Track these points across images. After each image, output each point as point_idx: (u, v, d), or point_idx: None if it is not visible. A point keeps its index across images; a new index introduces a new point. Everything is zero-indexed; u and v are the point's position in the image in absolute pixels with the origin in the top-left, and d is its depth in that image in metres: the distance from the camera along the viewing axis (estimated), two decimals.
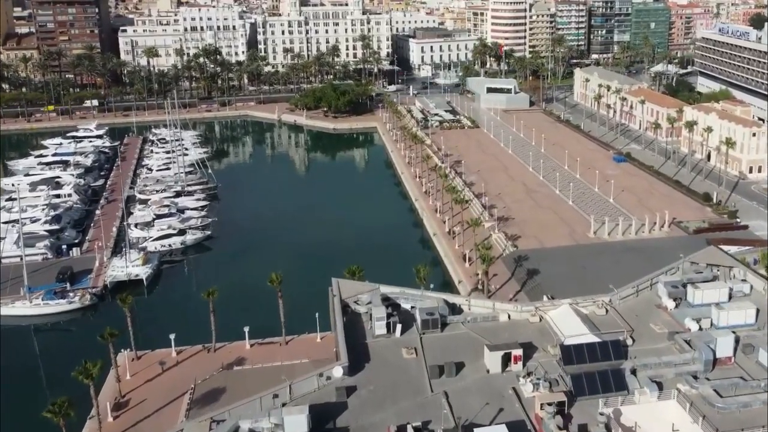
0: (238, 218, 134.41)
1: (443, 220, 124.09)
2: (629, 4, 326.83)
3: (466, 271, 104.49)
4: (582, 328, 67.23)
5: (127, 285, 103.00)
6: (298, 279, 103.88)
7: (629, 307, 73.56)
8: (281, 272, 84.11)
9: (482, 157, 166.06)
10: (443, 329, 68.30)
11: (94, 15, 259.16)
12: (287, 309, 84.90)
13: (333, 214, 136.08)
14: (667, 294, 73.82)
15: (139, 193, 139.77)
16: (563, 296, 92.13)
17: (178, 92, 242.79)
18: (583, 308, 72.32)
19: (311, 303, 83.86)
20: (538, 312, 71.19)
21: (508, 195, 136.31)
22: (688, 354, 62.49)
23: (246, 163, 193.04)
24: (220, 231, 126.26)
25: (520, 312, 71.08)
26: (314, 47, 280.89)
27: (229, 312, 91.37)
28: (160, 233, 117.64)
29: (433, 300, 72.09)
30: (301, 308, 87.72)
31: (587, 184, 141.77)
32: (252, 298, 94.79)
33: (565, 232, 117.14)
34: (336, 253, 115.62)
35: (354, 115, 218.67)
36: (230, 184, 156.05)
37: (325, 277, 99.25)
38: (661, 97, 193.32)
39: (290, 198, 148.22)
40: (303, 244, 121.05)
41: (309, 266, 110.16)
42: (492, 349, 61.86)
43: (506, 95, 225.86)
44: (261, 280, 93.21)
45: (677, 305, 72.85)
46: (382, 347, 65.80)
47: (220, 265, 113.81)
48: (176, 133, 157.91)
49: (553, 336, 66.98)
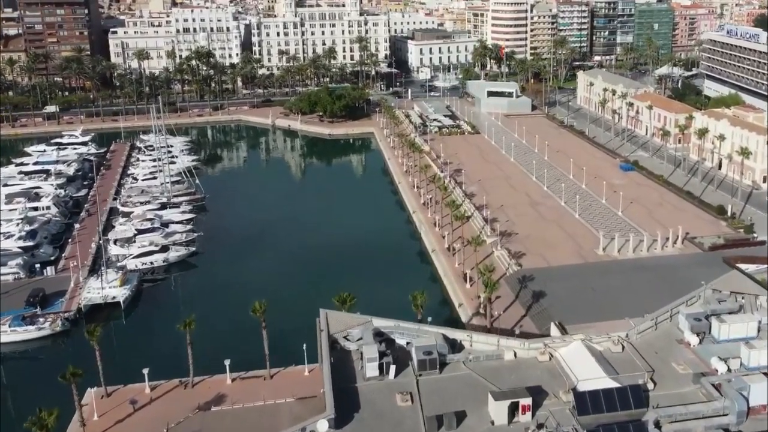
0: (225, 232, 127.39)
1: (442, 234, 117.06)
2: (632, 5, 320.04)
3: (466, 293, 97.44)
4: (597, 369, 60.37)
5: (104, 308, 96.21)
6: (287, 303, 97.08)
7: (648, 342, 66.68)
8: (266, 301, 76.82)
9: (483, 165, 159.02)
10: (442, 370, 61.62)
11: (83, 16, 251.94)
12: (273, 338, 77.84)
13: (327, 227, 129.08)
14: (689, 327, 66.97)
15: (121, 205, 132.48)
16: (572, 322, 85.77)
17: (170, 96, 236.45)
18: (597, 344, 65.39)
19: (299, 331, 76.86)
20: (548, 349, 64.33)
21: (511, 207, 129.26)
22: (718, 403, 55.61)
23: (237, 170, 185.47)
24: (207, 246, 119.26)
25: (527, 349, 64.22)
26: (310, 49, 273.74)
27: (211, 341, 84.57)
28: (141, 250, 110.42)
29: (430, 335, 65.23)
30: (288, 337, 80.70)
31: (594, 195, 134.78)
32: (236, 325, 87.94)
33: (572, 249, 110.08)
34: (328, 272, 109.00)
35: (350, 119, 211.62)
36: (219, 193, 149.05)
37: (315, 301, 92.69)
38: (669, 101, 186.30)
39: (282, 209, 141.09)
40: (293, 262, 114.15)
41: (299, 287, 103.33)
42: (497, 398, 55.01)
43: (507, 99, 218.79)
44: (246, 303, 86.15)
45: (701, 340, 66.08)
46: (373, 392, 58.97)
47: (204, 285, 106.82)
48: (163, 140, 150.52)
49: (564, 379, 60.15)
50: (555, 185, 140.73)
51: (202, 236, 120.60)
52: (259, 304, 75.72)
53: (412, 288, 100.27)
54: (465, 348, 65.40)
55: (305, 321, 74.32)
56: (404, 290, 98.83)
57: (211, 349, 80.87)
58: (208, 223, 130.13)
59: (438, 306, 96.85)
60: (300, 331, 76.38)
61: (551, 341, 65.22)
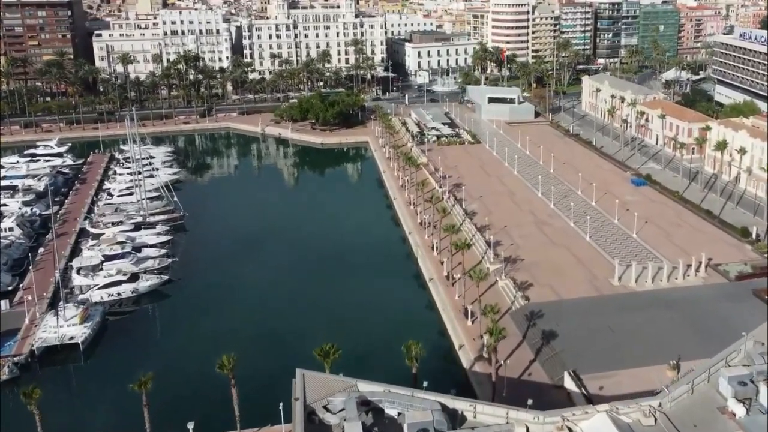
0: (204, 256, 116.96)
1: (441, 260, 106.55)
2: (637, 7, 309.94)
3: (467, 331, 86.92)
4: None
5: (60, 351, 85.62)
6: (265, 345, 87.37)
7: (685, 412, 56.04)
8: (234, 356, 66.50)
9: (485, 179, 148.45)
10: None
11: (66, 18, 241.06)
12: (246, 393, 67.77)
13: (315, 250, 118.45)
14: (732, 393, 56.35)
15: (91, 226, 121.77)
16: (589, 370, 75.36)
17: (156, 102, 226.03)
18: (624, 416, 54.83)
19: (277, 384, 66.39)
20: (567, 423, 53.77)
21: (516, 228, 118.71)
22: None
23: (222, 183, 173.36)
24: (183, 272, 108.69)
25: (542, 424, 53.67)
26: (303, 52, 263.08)
27: (175, 395, 74.41)
28: (108, 280, 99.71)
29: (426, 405, 54.60)
30: (263, 392, 70.68)
31: (605, 214, 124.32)
32: (205, 377, 76.96)
33: (585, 278, 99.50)
34: (314, 305, 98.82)
35: (344, 127, 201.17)
36: (201, 210, 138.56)
37: (296, 346, 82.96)
38: (681, 109, 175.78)
39: (267, 228, 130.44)
40: (276, 292, 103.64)
41: (281, 324, 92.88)
42: None
43: (509, 106, 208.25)
44: (220, 345, 76.57)
45: (748, 410, 55.41)
46: None
47: (175, 321, 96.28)
48: (141, 151, 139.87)
49: None
50: (562, 202, 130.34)
51: (177, 262, 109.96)
52: (228, 359, 65.44)
53: (407, 324, 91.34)
54: (467, 420, 54.91)
55: (286, 370, 63.97)
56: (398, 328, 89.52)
57: (174, 407, 70.83)
58: (185, 245, 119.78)
59: (435, 348, 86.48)
60: (278, 384, 65.88)
61: (570, 414, 54.63)
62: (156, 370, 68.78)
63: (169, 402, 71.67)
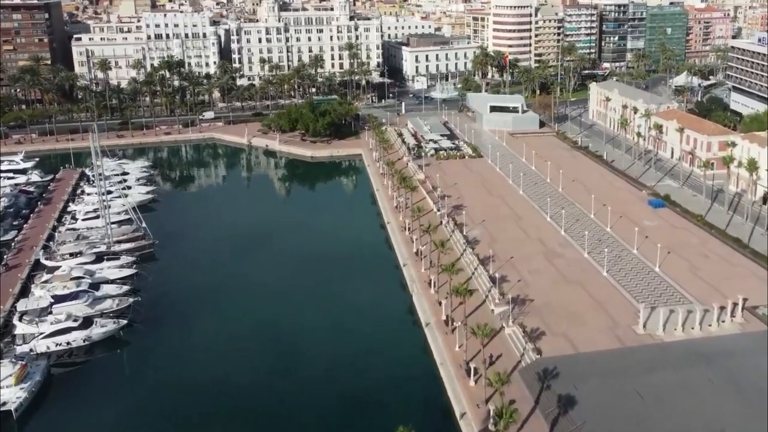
0: (172, 292, 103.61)
1: (439, 300, 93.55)
2: (644, 9, 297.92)
3: (470, 395, 73.84)
4: None
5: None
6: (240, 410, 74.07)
7: None
8: None
9: (488, 200, 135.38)
10: None
11: (43, 21, 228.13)
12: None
13: (299, 287, 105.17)
14: None
15: (46, 258, 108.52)
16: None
17: (137, 111, 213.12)
18: None
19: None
20: None
21: (523, 261, 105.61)
22: None
23: (201, 201, 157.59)
24: (147, 313, 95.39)
25: None
26: (295, 57, 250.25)
27: None
28: (55, 327, 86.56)
29: None
30: None
31: (622, 242, 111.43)
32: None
33: (605, 325, 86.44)
34: (294, 354, 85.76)
35: (336, 138, 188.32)
36: (176, 234, 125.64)
37: (273, 407, 70.90)
38: (699, 121, 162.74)
39: (248, 257, 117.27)
40: (251, 338, 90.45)
41: (257, 385, 79.49)
42: None
43: (512, 115, 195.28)
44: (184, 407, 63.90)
45: None
46: None
47: (134, 375, 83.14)
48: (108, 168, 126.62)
49: None
50: (574, 228, 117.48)
51: (141, 301, 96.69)
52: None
53: (400, 382, 79.07)
54: None
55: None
56: (389, 387, 77.49)
57: None
58: (153, 279, 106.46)
59: (432, 414, 73.74)
60: None
61: None
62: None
63: None
